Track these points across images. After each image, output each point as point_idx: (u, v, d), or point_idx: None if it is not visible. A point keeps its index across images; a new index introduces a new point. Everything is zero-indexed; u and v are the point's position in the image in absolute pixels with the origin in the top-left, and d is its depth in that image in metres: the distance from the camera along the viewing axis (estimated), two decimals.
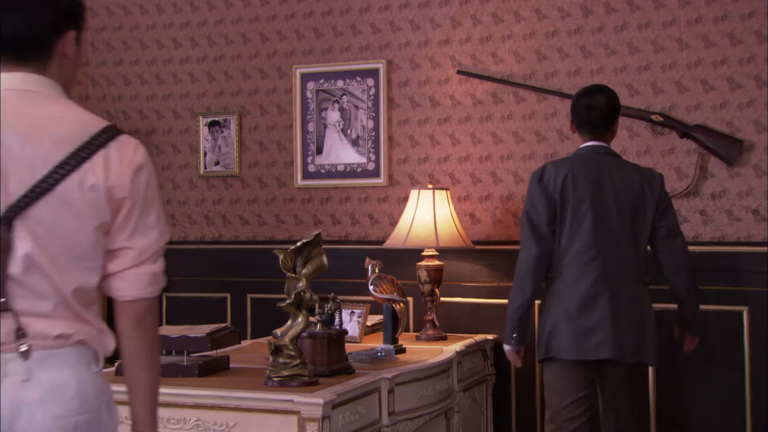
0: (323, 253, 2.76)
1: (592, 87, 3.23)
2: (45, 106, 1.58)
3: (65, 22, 1.62)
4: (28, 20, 1.57)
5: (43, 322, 1.52)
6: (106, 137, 1.58)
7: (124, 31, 4.76)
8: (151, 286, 1.63)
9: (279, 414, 2.53)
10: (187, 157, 4.63)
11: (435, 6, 4.16)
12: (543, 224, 3.02)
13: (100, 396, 1.59)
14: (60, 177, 1.52)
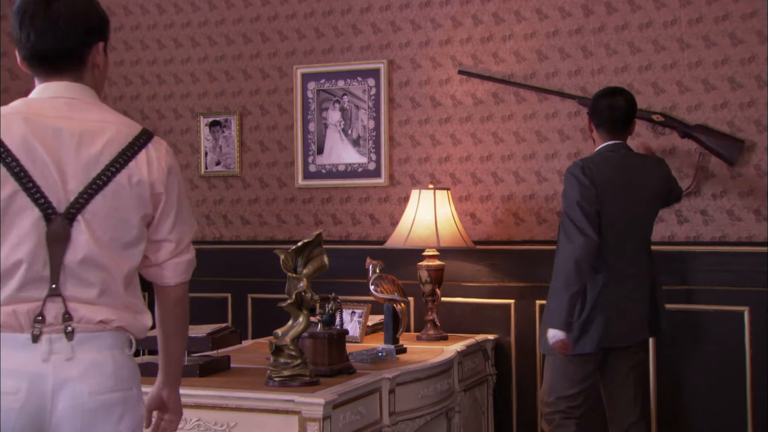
0: (324, 253, 2.76)
1: (612, 89, 3.37)
2: (89, 111, 1.75)
3: (95, 35, 1.78)
4: (64, 35, 1.73)
5: (88, 308, 1.70)
6: (145, 138, 1.78)
7: (125, 32, 4.76)
8: (188, 272, 1.89)
9: (280, 414, 2.53)
10: (188, 157, 4.64)
11: (436, 6, 4.16)
12: (594, 214, 3.09)
13: (133, 377, 1.77)
14: (112, 174, 1.70)
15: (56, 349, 1.66)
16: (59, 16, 1.72)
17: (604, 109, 3.24)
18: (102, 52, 1.80)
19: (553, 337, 3.08)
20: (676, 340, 3.73)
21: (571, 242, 3.07)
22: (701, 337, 3.71)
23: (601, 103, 3.27)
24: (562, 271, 3.07)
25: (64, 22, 1.73)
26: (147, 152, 1.76)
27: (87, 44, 1.77)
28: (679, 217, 3.77)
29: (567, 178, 3.17)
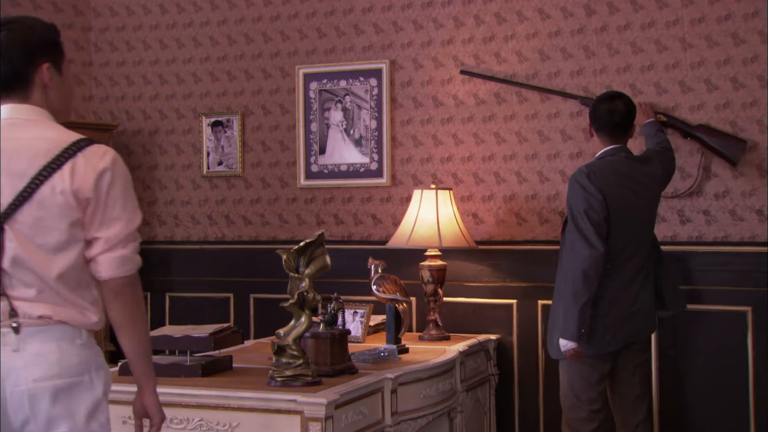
0: (326, 253, 2.76)
1: (611, 93, 3.38)
2: (27, 129, 1.94)
3: (37, 57, 1.96)
4: (5, 61, 1.93)
5: (28, 305, 1.89)
6: (74, 149, 1.92)
7: (127, 32, 4.76)
8: (122, 267, 1.96)
9: (282, 414, 2.53)
10: (190, 157, 4.64)
11: (438, 6, 4.15)
12: (602, 222, 3.09)
13: (83, 364, 1.93)
14: (36, 186, 1.88)
15: (5, 341, 1.87)
16: (1, 45, 1.93)
17: (604, 114, 3.25)
18: (48, 71, 1.97)
19: (565, 346, 3.10)
20: (678, 341, 3.72)
21: (578, 253, 3.06)
22: (704, 337, 3.70)
23: (600, 108, 3.28)
24: (570, 282, 3.07)
25: (5, 49, 1.93)
26: (74, 162, 1.90)
27: (30, 66, 1.95)
28: (681, 217, 3.76)
29: (572, 187, 3.15)
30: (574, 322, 3.05)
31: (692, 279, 3.71)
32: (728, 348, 3.67)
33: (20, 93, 1.96)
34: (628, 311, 3.17)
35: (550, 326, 3.28)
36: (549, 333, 3.29)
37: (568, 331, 3.08)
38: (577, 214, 3.10)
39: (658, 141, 3.52)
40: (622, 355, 3.23)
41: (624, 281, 3.15)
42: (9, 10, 4.59)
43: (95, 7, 4.83)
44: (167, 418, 2.60)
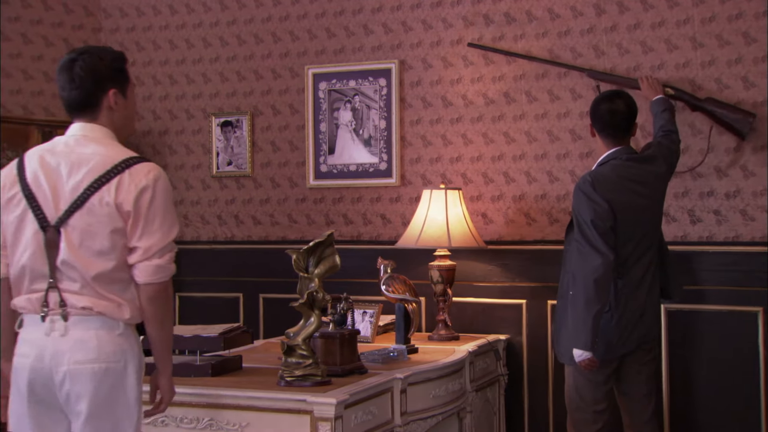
0: (336, 253, 2.76)
1: (612, 92, 3.33)
2: (88, 146, 2.28)
3: (106, 83, 2.30)
4: (78, 87, 2.29)
5: (74, 297, 2.22)
6: (123, 166, 2.24)
7: (138, 32, 4.78)
8: (156, 274, 2.25)
9: (292, 414, 2.53)
10: (199, 157, 4.65)
11: (447, 6, 4.15)
12: (609, 230, 3.05)
13: (120, 352, 2.24)
14: (87, 196, 2.21)
15: (55, 327, 2.21)
16: (75, 74, 2.28)
17: (605, 115, 3.20)
18: (114, 97, 2.30)
19: (580, 356, 3.05)
20: (688, 341, 3.71)
21: (588, 262, 3.02)
22: (714, 337, 3.69)
23: (601, 109, 3.22)
24: (582, 291, 3.02)
25: (78, 78, 2.28)
26: (120, 178, 2.22)
27: (100, 91, 2.29)
28: (692, 217, 3.75)
29: (578, 196, 3.11)
30: (588, 331, 3.01)
31: (703, 279, 3.70)
32: (739, 348, 3.65)
33: (89, 114, 2.30)
34: (638, 313, 3.15)
35: (557, 328, 3.26)
36: (556, 335, 3.27)
37: (581, 341, 3.03)
38: (583, 224, 3.06)
39: (662, 124, 3.46)
40: (628, 354, 3.21)
41: (633, 284, 3.13)
42: (20, 11, 4.62)
43: (105, 8, 4.85)
44: (177, 417, 2.62)
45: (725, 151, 3.71)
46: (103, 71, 2.29)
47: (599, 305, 3.01)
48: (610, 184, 3.10)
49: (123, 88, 2.33)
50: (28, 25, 4.63)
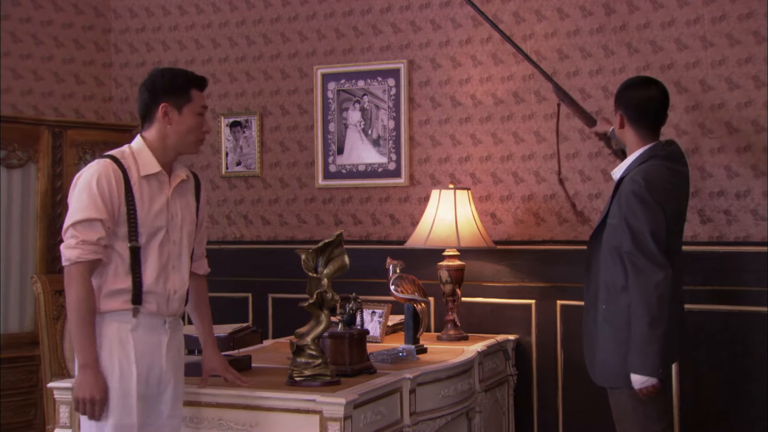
0: (345, 253, 2.76)
1: (645, 78, 3.06)
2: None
3: (158, 98, 2.49)
4: (138, 100, 2.55)
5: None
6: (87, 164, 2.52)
7: (147, 33, 4.80)
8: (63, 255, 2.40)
9: (301, 413, 2.53)
10: (208, 157, 4.66)
11: (456, 6, 4.15)
12: (665, 239, 2.77)
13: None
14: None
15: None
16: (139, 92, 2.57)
17: (644, 102, 2.88)
18: (165, 111, 2.49)
19: (644, 383, 2.75)
20: (700, 341, 3.69)
21: (650, 278, 2.72)
22: (726, 338, 3.67)
23: (636, 96, 2.89)
24: (645, 311, 2.72)
25: (139, 92, 2.56)
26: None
27: (153, 105, 2.50)
28: (702, 216, 3.73)
29: (632, 203, 2.76)
30: (655, 355, 2.71)
31: (713, 279, 3.68)
32: (750, 349, 3.62)
33: (144, 125, 2.54)
34: (678, 321, 2.90)
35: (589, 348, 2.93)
36: (589, 356, 2.93)
37: (647, 366, 2.72)
38: (640, 235, 2.74)
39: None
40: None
41: (675, 298, 2.86)
42: (31, 12, 4.64)
43: (115, 9, 4.87)
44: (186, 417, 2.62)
45: (736, 150, 3.69)
46: (157, 87, 2.50)
47: (665, 325, 2.72)
48: (660, 187, 2.80)
49: (177, 105, 2.49)
50: (39, 26, 4.65)
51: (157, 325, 2.46)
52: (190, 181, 2.62)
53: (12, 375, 4.12)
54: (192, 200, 2.60)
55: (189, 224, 2.55)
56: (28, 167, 4.30)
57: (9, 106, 4.51)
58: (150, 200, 2.44)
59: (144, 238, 2.41)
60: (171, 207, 2.49)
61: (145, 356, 2.43)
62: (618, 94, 2.96)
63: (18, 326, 4.22)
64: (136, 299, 2.40)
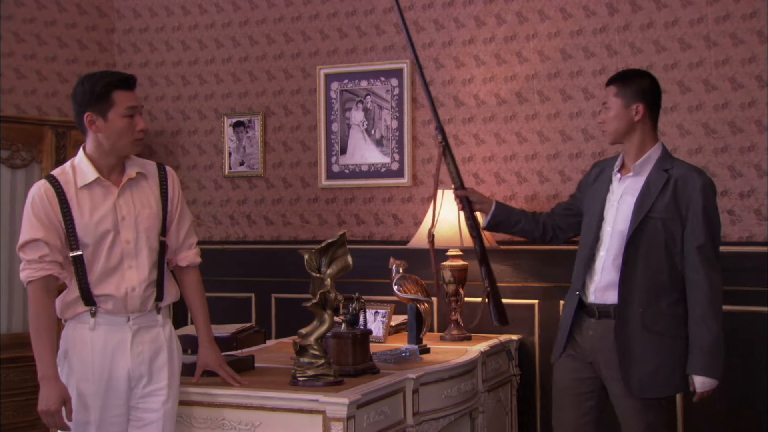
0: (348, 253, 2.76)
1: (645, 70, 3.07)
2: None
3: (82, 108, 2.49)
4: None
5: None
6: None
7: (150, 33, 4.80)
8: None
9: (304, 413, 2.53)
10: (212, 157, 4.66)
11: (459, 6, 4.15)
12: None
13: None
14: None
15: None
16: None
17: (660, 93, 2.87)
18: (89, 120, 2.48)
19: (711, 386, 2.71)
20: None
21: (719, 275, 2.72)
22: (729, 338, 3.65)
23: (655, 86, 2.86)
24: (717, 308, 2.69)
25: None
26: None
27: (80, 116, 2.50)
28: None
29: (711, 197, 2.76)
30: (724, 355, 2.69)
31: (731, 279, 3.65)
32: (754, 350, 3.62)
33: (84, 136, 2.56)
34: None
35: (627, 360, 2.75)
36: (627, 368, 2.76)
37: (718, 368, 2.68)
38: (717, 232, 2.75)
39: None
40: None
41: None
42: (35, 12, 4.64)
43: (119, 9, 4.87)
44: (190, 417, 2.62)
45: (739, 150, 3.69)
46: (78, 98, 2.50)
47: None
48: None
49: (100, 114, 2.47)
50: (42, 26, 4.66)
51: (118, 323, 2.49)
52: (146, 177, 2.59)
53: (15, 375, 4.12)
54: (151, 195, 2.58)
55: (146, 220, 2.54)
56: (32, 167, 4.31)
57: (13, 107, 4.52)
58: (91, 208, 2.48)
59: (91, 245, 2.48)
60: (120, 208, 2.51)
61: (106, 354, 2.47)
62: (634, 83, 2.85)
63: (21, 326, 4.23)
64: (87, 302, 2.48)
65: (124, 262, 2.50)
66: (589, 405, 2.90)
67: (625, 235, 2.78)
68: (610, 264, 2.83)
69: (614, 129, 2.88)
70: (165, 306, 2.61)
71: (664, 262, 2.76)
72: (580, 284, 2.91)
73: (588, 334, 2.88)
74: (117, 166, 2.54)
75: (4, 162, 4.22)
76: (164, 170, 2.63)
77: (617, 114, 2.86)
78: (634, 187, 2.84)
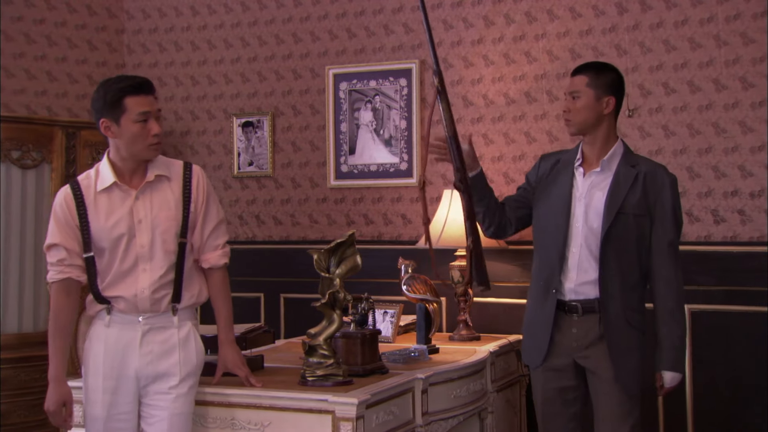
0: (357, 253, 2.76)
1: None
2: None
3: (98, 115, 2.54)
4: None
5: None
6: None
7: (159, 33, 4.81)
8: None
9: (313, 413, 2.54)
10: (221, 157, 4.67)
11: (468, 5, 4.14)
12: None
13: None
14: None
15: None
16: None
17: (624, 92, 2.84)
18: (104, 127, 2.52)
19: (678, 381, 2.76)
20: (712, 342, 3.67)
21: (681, 268, 2.74)
22: (739, 339, 3.65)
23: (622, 81, 2.83)
24: (683, 304, 2.73)
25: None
26: None
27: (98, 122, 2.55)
28: (716, 216, 3.71)
29: (676, 193, 2.79)
30: (682, 352, 2.76)
31: (728, 279, 3.66)
32: (757, 350, 3.60)
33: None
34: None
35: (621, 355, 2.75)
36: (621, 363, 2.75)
37: (683, 362, 2.75)
38: (681, 227, 2.79)
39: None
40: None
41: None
42: (45, 13, 4.67)
43: (128, 10, 4.89)
44: (199, 416, 2.63)
45: (750, 150, 3.67)
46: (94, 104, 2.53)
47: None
48: None
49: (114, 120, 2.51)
50: (53, 27, 4.68)
51: (131, 322, 2.54)
52: (170, 179, 2.60)
53: (25, 374, 4.14)
54: (171, 197, 2.58)
55: (164, 222, 2.55)
56: (42, 168, 4.33)
57: (23, 107, 4.54)
58: (107, 212, 2.54)
59: (107, 249, 2.53)
60: (137, 212, 2.54)
61: (117, 352, 2.53)
62: (607, 76, 2.81)
63: (32, 326, 4.25)
64: (100, 301, 2.55)
65: (139, 266, 2.53)
66: (574, 410, 2.90)
67: (599, 232, 2.76)
68: (585, 260, 2.78)
69: (582, 120, 2.81)
70: (184, 308, 2.61)
71: (635, 258, 2.77)
72: (556, 282, 2.85)
73: (572, 332, 2.84)
74: (138, 170, 2.57)
75: (14, 162, 4.24)
76: (190, 170, 2.64)
77: (587, 104, 2.80)
78: (602, 182, 2.80)
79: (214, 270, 2.72)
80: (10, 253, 4.16)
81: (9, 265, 4.16)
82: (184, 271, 2.60)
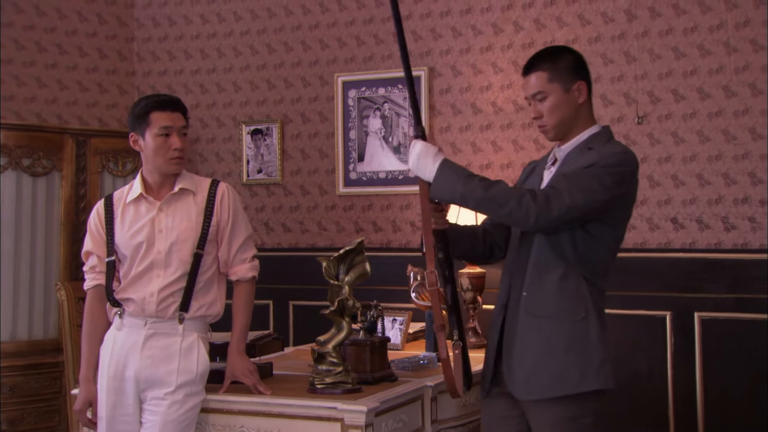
0: (366, 260, 2.76)
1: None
2: None
3: (130, 129, 2.66)
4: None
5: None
6: None
7: (169, 42, 4.84)
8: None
9: (322, 421, 2.53)
10: (230, 165, 4.69)
11: (477, 13, 4.15)
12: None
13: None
14: None
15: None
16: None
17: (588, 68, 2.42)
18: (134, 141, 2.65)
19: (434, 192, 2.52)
20: (723, 350, 3.65)
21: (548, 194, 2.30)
22: (749, 347, 3.63)
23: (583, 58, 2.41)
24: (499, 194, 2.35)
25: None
26: None
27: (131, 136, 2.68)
28: (726, 224, 3.70)
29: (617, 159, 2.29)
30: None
31: (739, 287, 3.64)
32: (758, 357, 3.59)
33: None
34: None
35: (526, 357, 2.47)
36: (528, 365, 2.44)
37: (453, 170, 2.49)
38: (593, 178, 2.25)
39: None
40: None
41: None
42: (56, 22, 4.70)
43: (138, 18, 4.92)
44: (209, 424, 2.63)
45: (760, 157, 3.66)
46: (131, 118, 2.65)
47: None
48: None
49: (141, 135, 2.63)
50: (63, 35, 4.71)
51: (137, 325, 2.61)
52: (195, 193, 2.69)
53: (36, 381, 4.15)
54: (193, 209, 2.67)
55: (183, 232, 2.63)
56: (53, 175, 4.35)
57: (34, 115, 4.57)
58: (132, 221, 2.65)
59: (128, 256, 2.64)
60: (159, 222, 2.63)
61: (121, 354, 2.60)
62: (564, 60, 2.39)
63: (42, 333, 4.26)
64: (113, 304, 2.64)
65: (153, 270, 2.61)
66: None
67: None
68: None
69: (558, 120, 2.35)
70: (192, 318, 2.63)
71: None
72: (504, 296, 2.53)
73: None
74: (166, 184, 2.67)
75: (25, 170, 4.26)
76: (215, 186, 2.73)
77: (558, 102, 2.34)
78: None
79: (241, 282, 2.81)
80: (20, 260, 4.18)
81: (20, 272, 4.18)
82: (198, 281, 2.64)
